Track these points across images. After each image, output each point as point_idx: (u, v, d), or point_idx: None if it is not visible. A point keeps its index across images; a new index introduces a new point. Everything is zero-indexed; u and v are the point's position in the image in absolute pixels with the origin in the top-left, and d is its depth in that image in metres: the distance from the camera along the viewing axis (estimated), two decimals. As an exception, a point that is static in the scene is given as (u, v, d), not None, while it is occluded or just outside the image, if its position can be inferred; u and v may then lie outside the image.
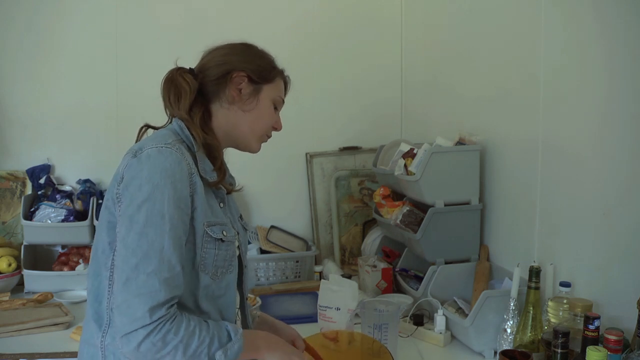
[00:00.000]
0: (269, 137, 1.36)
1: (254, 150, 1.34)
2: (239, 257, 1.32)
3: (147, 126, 1.29)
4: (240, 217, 1.41)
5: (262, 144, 1.38)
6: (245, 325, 1.37)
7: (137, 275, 1.05)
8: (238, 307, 1.34)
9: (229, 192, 1.33)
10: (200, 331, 1.10)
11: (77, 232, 2.27)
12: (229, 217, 1.31)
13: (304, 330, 1.81)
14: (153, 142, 1.14)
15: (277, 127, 1.37)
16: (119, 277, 1.08)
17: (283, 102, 1.38)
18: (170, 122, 1.27)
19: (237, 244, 1.29)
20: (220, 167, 1.25)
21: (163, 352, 1.06)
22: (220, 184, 1.24)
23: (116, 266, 1.09)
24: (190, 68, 1.31)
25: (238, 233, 1.31)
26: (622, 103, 1.41)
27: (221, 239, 1.19)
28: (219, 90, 1.27)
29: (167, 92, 1.26)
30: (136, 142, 1.25)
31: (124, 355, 1.08)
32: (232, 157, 1.51)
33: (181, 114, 1.23)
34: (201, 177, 1.18)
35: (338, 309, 1.72)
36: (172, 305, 1.08)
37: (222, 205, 1.27)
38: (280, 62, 1.39)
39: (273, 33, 2.49)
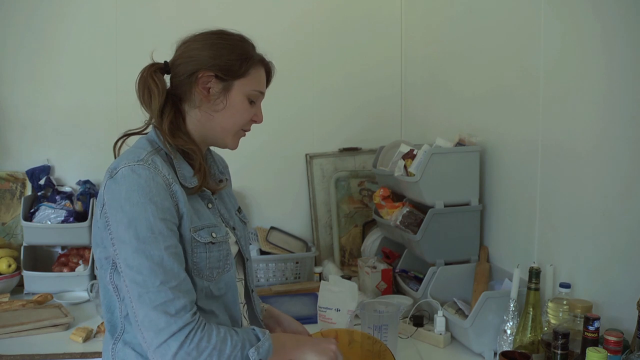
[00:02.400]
0: (247, 131, 1.31)
1: (231, 147, 1.30)
2: (239, 251, 1.33)
3: (126, 135, 1.29)
4: (239, 210, 1.40)
5: (263, 145, 1.39)
6: (253, 317, 1.39)
7: (148, 291, 1.08)
8: (244, 302, 1.36)
9: (214, 193, 1.30)
10: (232, 336, 1.13)
11: (77, 233, 2.27)
12: (222, 215, 1.31)
13: (304, 331, 1.83)
14: (126, 160, 1.15)
15: (256, 121, 1.30)
16: (133, 296, 1.10)
17: (262, 93, 1.30)
18: (149, 126, 1.27)
19: (233, 240, 1.31)
20: (201, 172, 1.22)
21: (202, 357, 1.08)
22: (203, 187, 1.24)
23: (128, 286, 1.11)
24: (165, 62, 1.28)
25: (235, 228, 1.32)
26: (621, 103, 1.41)
27: (211, 242, 1.19)
28: (188, 90, 1.24)
29: (141, 93, 1.25)
30: (115, 157, 1.26)
31: None
32: (232, 158, 1.51)
33: (154, 118, 1.23)
34: (181, 184, 1.18)
35: (338, 310, 1.72)
36: (195, 313, 1.11)
37: (210, 206, 1.27)
38: (277, 59, 1.35)
39: (272, 32, 2.50)
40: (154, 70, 1.25)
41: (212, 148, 1.38)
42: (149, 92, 1.23)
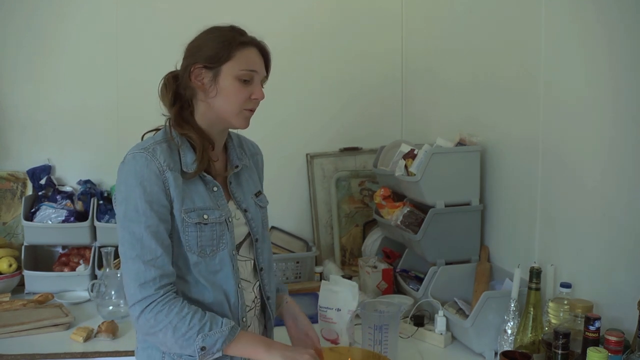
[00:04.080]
0: (251, 110, 1.38)
1: (240, 127, 1.39)
2: (250, 232, 1.44)
3: (156, 129, 1.40)
4: (257, 194, 1.51)
5: (263, 145, 1.50)
6: (263, 292, 1.48)
7: (127, 261, 1.27)
8: (252, 281, 1.45)
9: (217, 177, 1.40)
10: (192, 318, 1.25)
11: (77, 233, 2.27)
12: (235, 198, 1.43)
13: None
14: (133, 149, 1.31)
15: (256, 98, 1.37)
16: (121, 264, 1.30)
17: (254, 71, 1.35)
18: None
19: (243, 221, 1.43)
20: (202, 159, 1.34)
21: (155, 329, 1.25)
22: (204, 173, 1.35)
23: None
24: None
25: (247, 210, 1.44)
26: (623, 103, 1.41)
27: (200, 222, 1.32)
28: (189, 85, 1.36)
29: (160, 94, 1.40)
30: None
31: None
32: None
33: (167, 112, 1.38)
34: (182, 170, 1.32)
35: (338, 309, 1.72)
36: (162, 286, 1.26)
37: (215, 189, 1.37)
38: (277, 58, 1.41)
39: (272, 31, 2.47)
40: (169, 76, 1.40)
41: (242, 134, 1.52)
42: (163, 90, 1.39)
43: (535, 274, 1.47)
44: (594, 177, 1.51)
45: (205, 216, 1.33)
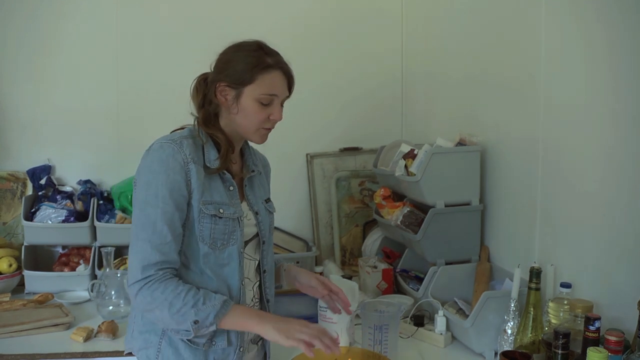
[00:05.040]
0: (268, 128, 1.46)
1: (256, 142, 1.49)
2: (258, 234, 1.51)
3: (182, 127, 1.48)
4: (267, 200, 1.60)
5: (263, 145, 1.50)
6: (264, 294, 1.54)
7: (136, 241, 1.33)
8: (255, 280, 1.51)
9: (236, 177, 1.48)
10: (187, 295, 1.31)
11: (77, 233, 2.27)
12: (248, 199, 1.50)
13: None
14: (161, 139, 1.39)
15: (273, 119, 1.44)
16: (130, 244, 1.36)
17: (275, 95, 1.43)
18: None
19: (253, 222, 1.49)
20: (225, 157, 1.42)
21: (152, 306, 1.31)
22: (225, 171, 1.43)
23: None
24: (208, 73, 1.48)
25: (257, 213, 1.51)
26: (623, 103, 1.41)
27: (216, 215, 1.38)
28: (215, 100, 1.44)
29: (192, 93, 1.48)
30: None
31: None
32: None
33: (196, 111, 1.47)
34: (205, 165, 1.39)
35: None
36: (163, 269, 1.32)
37: (231, 188, 1.45)
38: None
39: (271, 30, 2.48)
40: (201, 78, 1.47)
41: (253, 146, 1.60)
42: (194, 92, 1.47)
43: (535, 274, 1.47)
44: (594, 177, 1.51)
45: (222, 210, 1.40)
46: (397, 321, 1.68)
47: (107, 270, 2.02)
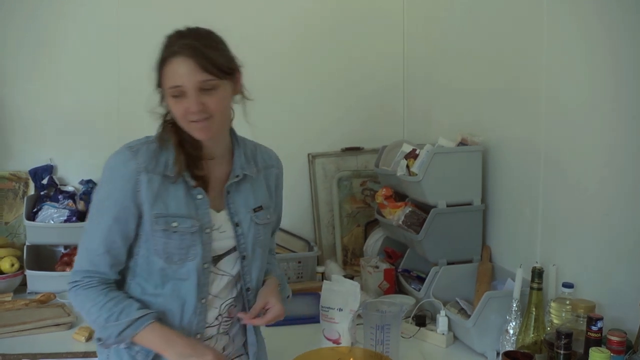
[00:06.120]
0: (197, 121, 1.28)
1: (199, 137, 1.32)
2: (236, 247, 1.38)
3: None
4: (257, 209, 1.43)
5: (266, 144, 1.49)
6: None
7: (80, 243, 1.33)
8: (225, 296, 1.39)
9: (197, 185, 1.34)
10: (102, 307, 1.27)
11: (79, 233, 2.24)
12: (230, 209, 1.38)
13: (307, 331, 1.83)
14: (126, 144, 1.34)
15: (189, 112, 1.28)
16: None
17: (176, 87, 1.27)
18: None
19: (230, 234, 1.37)
20: (180, 163, 1.31)
21: (78, 309, 1.32)
22: (191, 178, 1.32)
23: None
24: None
25: (238, 224, 1.38)
26: (625, 104, 1.41)
27: (167, 229, 1.29)
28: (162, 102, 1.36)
29: None
30: None
31: None
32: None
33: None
34: (166, 172, 1.31)
35: (340, 309, 1.72)
36: (90, 277, 1.30)
37: (199, 197, 1.33)
38: (278, 57, 1.42)
39: (272, 30, 2.50)
40: None
41: (262, 145, 1.52)
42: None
43: (538, 274, 1.47)
44: (595, 177, 1.51)
45: (175, 224, 1.30)
46: (399, 321, 1.68)
47: (109, 270, 2.02)
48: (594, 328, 1.22)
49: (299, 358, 1.44)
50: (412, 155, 2.06)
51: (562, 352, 1.27)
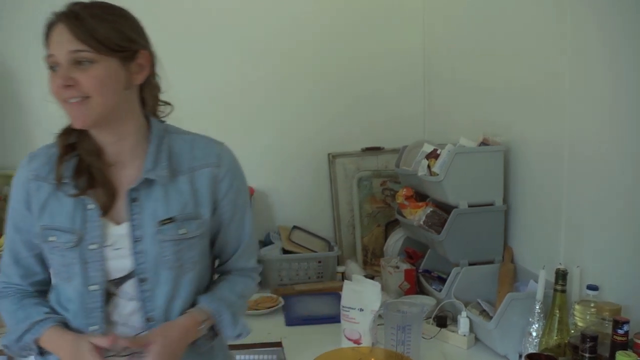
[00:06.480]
0: (67, 100, 1.12)
1: (74, 125, 1.16)
2: (135, 267, 1.17)
3: None
4: (163, 221, 1.18)
5: (285, 144, 1.42)
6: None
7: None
8: (134, 324, 1.21)
9: (79, 194, 1.18)
10: (12, 314, 1.23)
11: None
12: (133, 220, 1.17)
13: (328, 331, 1.83)
14: None
15: (58, 89, 1.11)
16: None
17: (50, 56, 1.11)
18: None
19: (126, 252, 1.18)
20: (58, 167, 1.18)
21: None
22: (75, 186, 1.17)
23: None
24: None
25: (139, 240, 1.16)
26: (651, 103, 1.39)
27: (47, 243, 1.19)
28: None
29: None
30: None
31: None
32: (254, 157, 1.50)
33: None
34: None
35: (361, 309, 1.72)
36: (7, 287, 1.27)
37: (90, 207, 1.17)
38: (296, 55, 1.36)
39: (289, 28, 2.48)
40: None
41: (201, 139, 1.27)
42: None
43: (561, 276, 1.45)
44: (621, 177, 1.48)
45: (52, 238, 1.17)
46: (420, 322, 1.68)
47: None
48: (620, 331, 1.20)
49: (320, 358, 1.45)
50: (433, 155, 2.05)
51: (587, 355, 1.25)
